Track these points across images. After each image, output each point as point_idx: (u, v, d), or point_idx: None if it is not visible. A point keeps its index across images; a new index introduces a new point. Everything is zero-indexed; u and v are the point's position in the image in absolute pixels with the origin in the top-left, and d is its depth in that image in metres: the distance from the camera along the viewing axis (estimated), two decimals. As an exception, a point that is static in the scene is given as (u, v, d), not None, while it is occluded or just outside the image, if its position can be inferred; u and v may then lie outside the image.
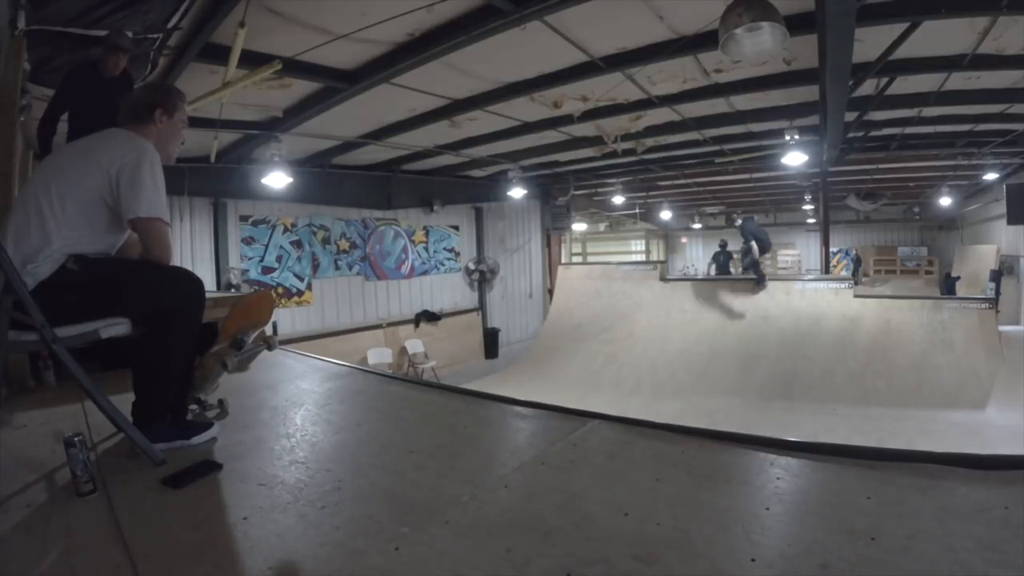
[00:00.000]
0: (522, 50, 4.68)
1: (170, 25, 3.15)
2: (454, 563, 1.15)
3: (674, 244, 25.51)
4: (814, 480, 1.49)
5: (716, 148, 8.93)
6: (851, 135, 7.64)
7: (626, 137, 7.94)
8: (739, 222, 10.39)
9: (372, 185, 10.15)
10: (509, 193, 10.68)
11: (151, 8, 2.89)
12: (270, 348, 2.93)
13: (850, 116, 6.53)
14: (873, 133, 7.95)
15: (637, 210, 17.01)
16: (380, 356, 9.98)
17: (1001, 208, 11.06)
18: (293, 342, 7.76)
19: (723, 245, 13.34)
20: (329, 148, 8.12)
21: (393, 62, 4.63)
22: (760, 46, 3.37)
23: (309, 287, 9.71)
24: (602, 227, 23.24)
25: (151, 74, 3.68)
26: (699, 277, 19.51)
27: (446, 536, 1.26)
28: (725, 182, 13.42)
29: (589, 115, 6.67)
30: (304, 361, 3.30)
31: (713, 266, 13.35)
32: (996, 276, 12.22)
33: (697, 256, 25.03)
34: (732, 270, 12.84)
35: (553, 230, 14.30)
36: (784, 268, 21.35)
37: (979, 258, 14.27)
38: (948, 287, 14.52)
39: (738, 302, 9.50)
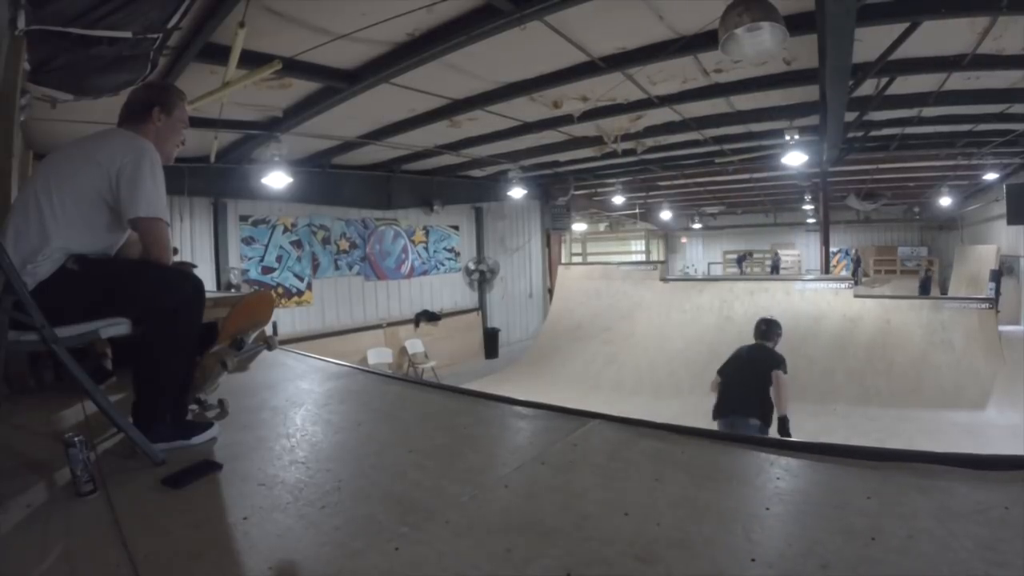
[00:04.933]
0: (522, 50, 4.68)
1: (170, 25, 3.13)
2: (454, 563, 1.15)
3: (674, 244, 25.52)
4: (814, 480, 1.49)
5: (716, 148, 8.93)
6: (851, 135, 7.64)
7: (626, 137, 7.93)
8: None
9: (372, 185, 10.15)
10: (509, 193, 10.68)
11: (151, 8, 2.89)
12: (270, 348, 2.94)
13: (850, 116, 6.52)
14: (873, 133, 7.94)
15: (637, 210, 17.03)
16: (380, 356, 9.98)
17: (1001, 208, 11.06)
18: (293, 342, 7.75)
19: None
20: (329, 148, 8.11)
21: (393, 62, 4.63)
22: (760, 46, 3.37)
23: (309, 287, 9.71)
24: (602, 227, 23.26)
25: (151, 74, 3.66)
26: (699, 277, 19.61)
27: (446, 536, 1.26)
28: (725, 182, 13.43)
29: (589, 115, 6.66)
30: (304, 361, 3.30)
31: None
32: (996, 276, 12.22)
33: (697, 256, 25.05)
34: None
35: (553, 230, 14.30)
36: (784, 268, 21.37)
37: (979, 258, 14.27)
38: (925, 285, 16.14)
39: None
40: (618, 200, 13.79)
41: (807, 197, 14.75)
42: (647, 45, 4.80)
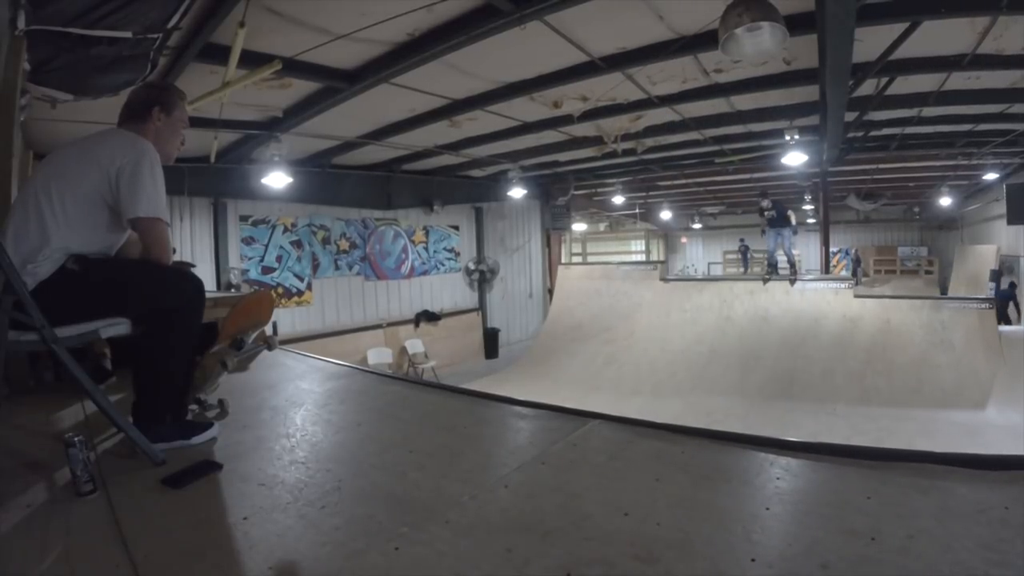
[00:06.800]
0: (522, 50, 4.68)
1: (170, 25, 3.14)
2: (454, 563, 1.15)
3: (674, 244, 25.52)
4: (814, 480, 1.49)
5: (716, 148, 8.93)
6: (851, 135, 7.64)
7: (626, 137, 7.94)
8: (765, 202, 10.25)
9: (372, 185, 10.15)
10: (509, 193, 10.68)
11: (151, 8, 2.89)
12: (270, 348, 2.94)
13: (850, 116, 6.52)
14: (873, 133, 7.95)
15: (637, 210, 17.04)
16: (380, 356, 9.99)
17: (1001, 208, 11.06)
18: (293, 342, 7.76)
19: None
20: (329, 148, 8.11)
21: (393, 62, 4.63)
22: (760, 46, 3.37)
23: (309, 287, 9.71)
24: (602, 227, 23.27)
25: (151, 74, 3.67)
26: (699, 277, 19.61)
27: (446, 536, 1.26)
28: (725, 182, 13.44)
29: (589, 115, 6.67)
30: (304, 361, 3.30)
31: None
32: (996, 276, 12.22)
33: (697, 256, 25.05)
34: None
35: (553, 230, 14.31)
36: (784, 268, 21.39)
37: (979, 258, 14.27)
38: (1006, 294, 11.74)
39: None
40: (618, 200, 13.80)
41: (807, 197, 14.75)
42: (647, 45, 4.80)
